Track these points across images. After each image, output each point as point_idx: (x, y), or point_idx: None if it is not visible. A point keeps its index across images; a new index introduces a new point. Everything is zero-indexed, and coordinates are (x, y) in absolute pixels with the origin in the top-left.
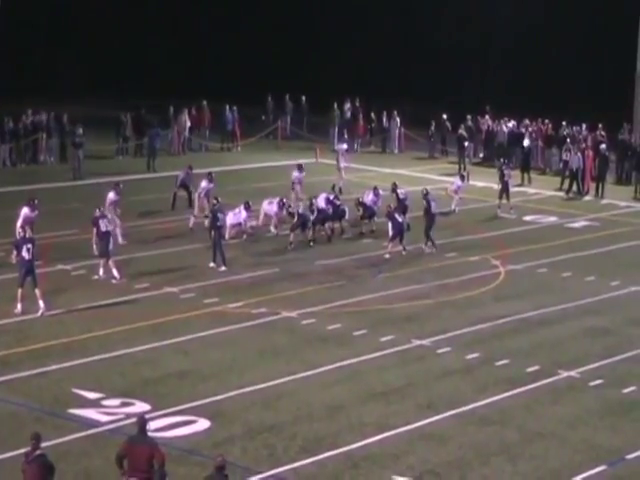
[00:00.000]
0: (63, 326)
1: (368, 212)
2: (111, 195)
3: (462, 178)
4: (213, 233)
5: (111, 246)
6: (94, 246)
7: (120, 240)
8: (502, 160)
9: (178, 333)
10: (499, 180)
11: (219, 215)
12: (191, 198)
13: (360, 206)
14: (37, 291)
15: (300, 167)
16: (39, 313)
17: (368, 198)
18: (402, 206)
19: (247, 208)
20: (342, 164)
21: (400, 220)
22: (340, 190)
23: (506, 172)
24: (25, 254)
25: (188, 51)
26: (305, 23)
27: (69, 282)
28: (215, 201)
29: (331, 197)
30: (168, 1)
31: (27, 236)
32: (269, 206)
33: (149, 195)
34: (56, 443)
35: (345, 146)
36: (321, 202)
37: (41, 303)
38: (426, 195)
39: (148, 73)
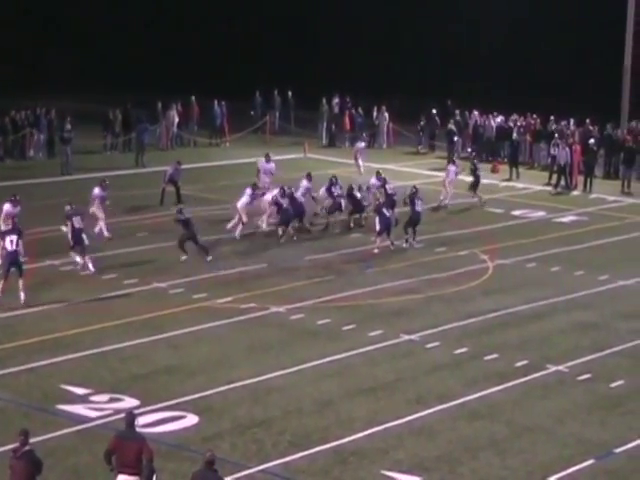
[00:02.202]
0: (52, 322)
1: (357, 206)
2: (96, 190)
3: (454, 163)
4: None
5: (86, 241)
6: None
7: (106, 234)
8: (472, 154)
9: (167, 328)
10: (470, 173)
11: (183, 211)
12: (179, 193)
13: (350, 199)
14: (20, 282)
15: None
16: (21, 303)
17: (372, 182)
18: (390, 201)
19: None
20: (360, 162)
21: (388, 215)
22: (360, 188)
23: (478, 166)
24: (8, 245)
25: (176, 46)
26: (293, 18)
27: (58, 277)
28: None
29: (333, 189)
30: None
31: (12, 227)
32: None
33: (138, 190)
34: (44, 439)
35: (363, 144)
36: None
37: (22, 295)
38: (414, 194)
39: (136, 68)
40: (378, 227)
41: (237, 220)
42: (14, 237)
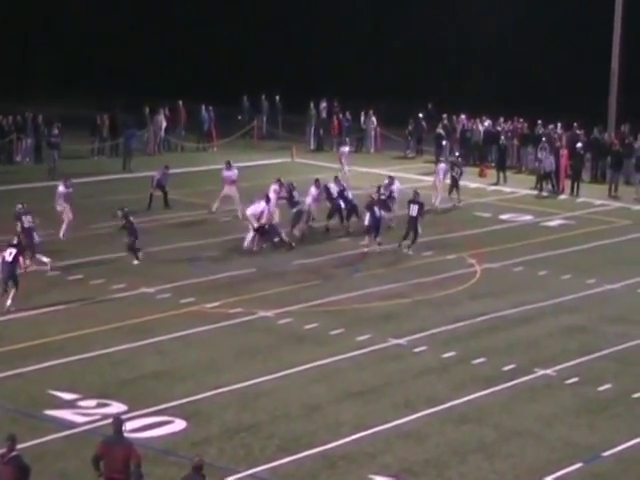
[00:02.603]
0: (39, 327)
1: (353, 209)
2: (60, 188)
3: (443, 162)
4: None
5: (36, 239)
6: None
7: (61, 235)
8: (456, 156)
9: (155, 333)
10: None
11: (130, 218)
12: (167, 198)
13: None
14: (12, 291)
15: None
16: (5, 309)
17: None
18: (382, 202)
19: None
20: (345, 167)
21: (377, 215)
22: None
23: (456, 168)
24: (7, 256)
25: (164, 51)
26: (280, 23)
27: (45, 283)
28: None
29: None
30: (143, 1)
31: (13, 242)
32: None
33: (125, 195)
34: (32, 444)
35: (347, 148)
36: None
37: (9, 301)
38: (413, 200)
39: (123, 73)
40: (366, 223)
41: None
42: (13, 250)
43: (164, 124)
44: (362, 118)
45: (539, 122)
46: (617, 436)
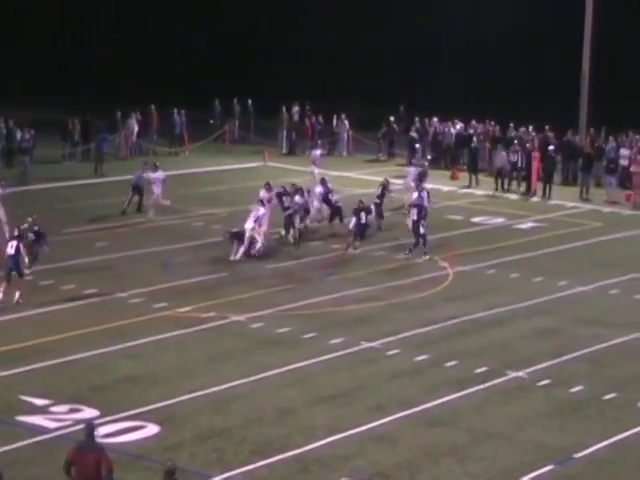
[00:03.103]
0: (11, 332)
1: (337, 211)
2: None
3: (414, 165)
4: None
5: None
6: None
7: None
8: (416, 159)
9: (127, 338)
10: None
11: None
12: (142, 202)
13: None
14: (18, 285)
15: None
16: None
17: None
18: (376, 207)
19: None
20: (316, 170)
21: (363, 221)
22: (308, 192)
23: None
24: (9, 249)
25: (136, 55)
26: (252, 26)
27: (16, 288)
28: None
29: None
30: (114, 4)
31: (14, 234)
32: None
33: (97, 200)
34: (4, 451)
35: (319, 152)
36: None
37: (17, 294)
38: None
39: (94, 77)
40: (351, 227)
41: (260, 240)
42: (15, 242)
43: (136, 128)
44: (334, 121)
45: (511, 125)
46: (589, 438)
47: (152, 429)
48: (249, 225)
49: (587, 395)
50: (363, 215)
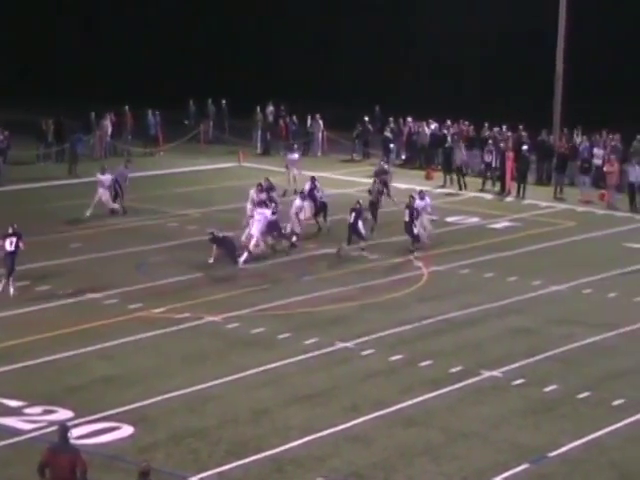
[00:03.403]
0: None
1: (321, 207)
2: None
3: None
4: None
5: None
6: None
7: None
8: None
9: (102, 339)
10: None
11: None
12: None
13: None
14: (10, 279)
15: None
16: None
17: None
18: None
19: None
20: (295, 171)
21: (351, 221)
22: (285, 194)
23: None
24: (7, 246)
25: (110, 55)
26: (226, 26)
27: None
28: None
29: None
30: (87, 5)
31: (9, 232)
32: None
33: (71, 201)
34: None
35: (296, 155)
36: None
37: (11, 290)
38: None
39: (69, 77)
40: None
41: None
42: (14, 239)
43: (110, 129)
44: (308, 121)
45: (485, 124)
46: (563, 437)
47: (127, 430)
48: (254, 231)
49: (561, 394)
50: (352, 216)
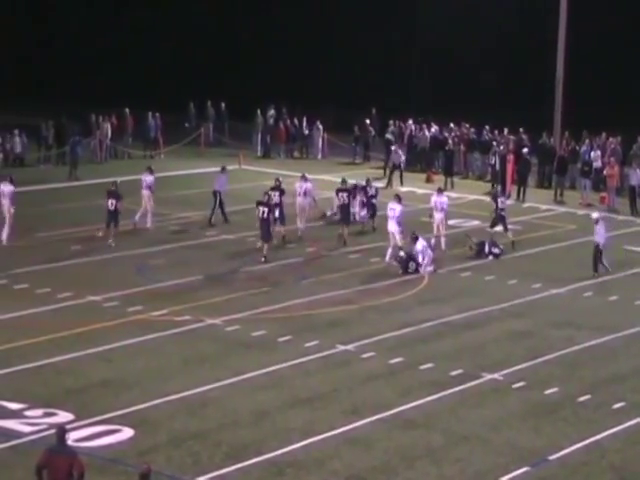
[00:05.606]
0: None
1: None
2: None
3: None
4: None
5: None
6: None
7: None
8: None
9: (102, 342)
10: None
11: None
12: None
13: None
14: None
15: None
16: None
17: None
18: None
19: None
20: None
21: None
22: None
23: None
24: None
25: (110, 58)
26: (226, 28)
27: None
28: None
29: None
30: (87, 7)
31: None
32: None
33: (71, 203)
34: None
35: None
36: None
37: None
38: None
39: (69, 80)
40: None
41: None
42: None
43: (109, 132)
44: (304, 124)
45: (486, 127)
46: (563, 440)
47: (127, 433)
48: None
49: (561, 397)
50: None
